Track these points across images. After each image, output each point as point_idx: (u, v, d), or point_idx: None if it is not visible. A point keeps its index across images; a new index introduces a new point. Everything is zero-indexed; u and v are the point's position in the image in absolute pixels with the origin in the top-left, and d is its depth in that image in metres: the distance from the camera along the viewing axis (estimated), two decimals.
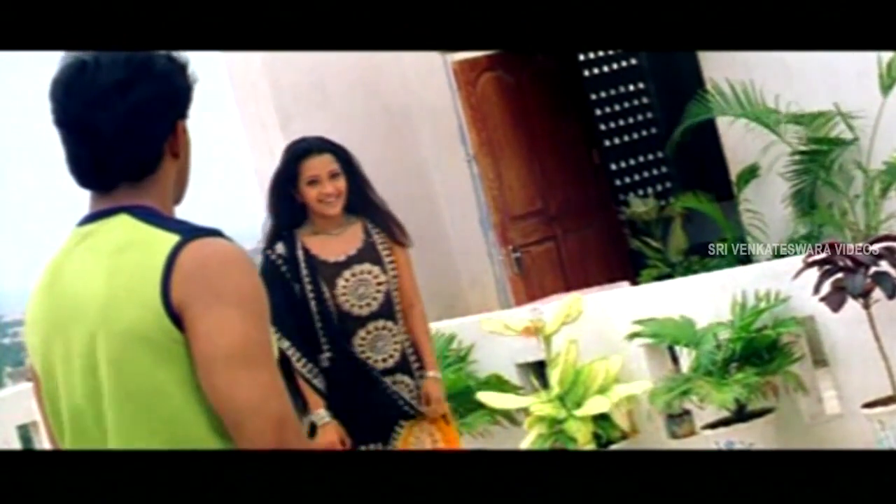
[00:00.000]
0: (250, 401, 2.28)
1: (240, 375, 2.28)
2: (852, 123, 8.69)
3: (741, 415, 6.61)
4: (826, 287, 6.22)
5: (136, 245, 2.39)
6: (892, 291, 6.12)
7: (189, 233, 2.37)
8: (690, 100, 9.31)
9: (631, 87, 11.11)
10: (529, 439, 6.99)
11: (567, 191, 10.62)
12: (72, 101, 2.42)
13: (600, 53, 10.87)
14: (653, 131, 11.05)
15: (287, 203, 5.49)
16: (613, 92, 11.03)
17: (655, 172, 11.11)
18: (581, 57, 10.87)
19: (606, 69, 11.02)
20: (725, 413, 6.69)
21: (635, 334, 6.98)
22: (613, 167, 10.93)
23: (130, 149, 2.42)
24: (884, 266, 6.18)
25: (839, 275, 6.19)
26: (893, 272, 6.15)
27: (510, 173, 10.32)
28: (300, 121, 9.83)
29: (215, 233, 2.38)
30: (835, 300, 6.18)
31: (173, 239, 2.36)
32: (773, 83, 8.92)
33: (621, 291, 7.89)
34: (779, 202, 9.06)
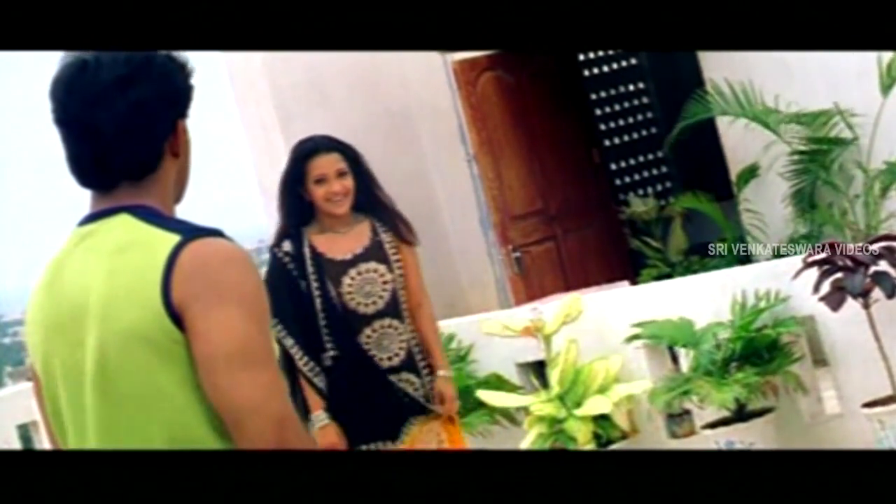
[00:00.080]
0: (251, 401, 2.28)
1: (240, 375, 2.28)
2: (852, 123, 8.69)
3: (741, 414, 6.61)
4: (825, 286, 6.22)
5: (137, 245, 2.39)
6: (892, 291, 6.12)
7: (190, 233, 2.37)
8: (690, 99, 9.31)
9: (631, 87, 11.12)
10: (529, 439, 6.99)
11: (567, 190, 10.62)
12: (72, 100, 2.42)
13: (600, 53, 10.88)
14: (653, 131, 11.05)
15: (295, 202, 5.49)
16: (613, 92, 11.03)
17: (655, 172, 11.11)
18: (581, 57, 10.87)
19: (606, 69, 11.02)
20: (725, 413, 6.69)
21: (634, 337, 6.98)
22: (613, 167, 10.94)
23: (131, 148, 2.42)
24: (883, 266, 6.18)
25: (839, 274, 6.19)
26: (893, 272, 6.15)
27: (510, 173, 10.32)
28: (300, 121, 9.83)
29: (216, 233, 2.39)
30: (834, 299, 6.18)
31: (174, 239, 2.36)
32: (773, 83, 8.92)
33: (621, 291, 7.89)
34: (779, 202, 9.06)
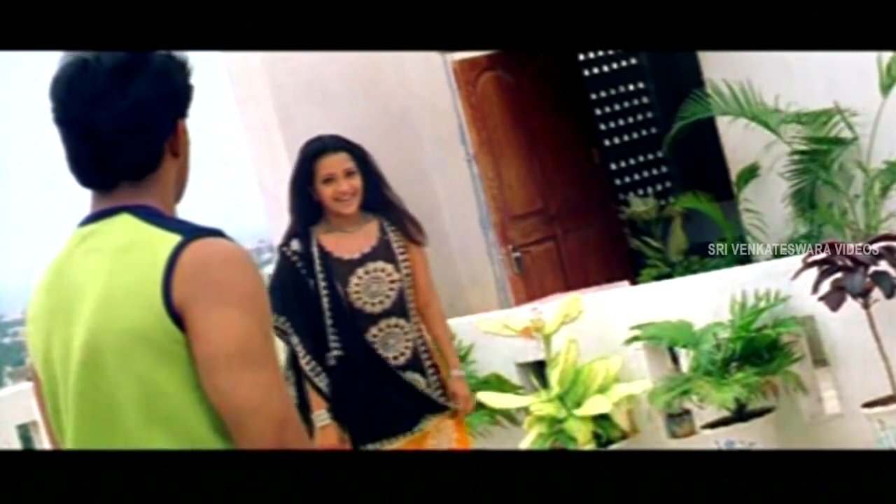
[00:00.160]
0: (251, 401, 2.28)
1: (241, 375, 2.28)
2: (852, 122, 8.69)
3: (741, 414, 6.61)
4: (825, 286, 6.22)
5: (138, 245, 2.39)
6: (892, 291, 6.12)
7: (190, 233, 2.37)
8: (689, 99, 9.30)
9: (631, 87, 11.12)
10: (529, 439, 7.00)
11: (567, 190, 10.62)
12: (73, 100, 2.42)
13: (600, 53, 10.88)
14: (653, 131, 11.05)
15: (303, 201, 5.50)
16: (613, 91, 11.03)
17: (655, 172, 11.11)
18: (581, 57, 10.87)
19: (606, 69, 11.02)
20: (725, 413, 6.69)
21: (633, 338, 6.98)
22: (613, 167, 10.94)
23: (131, 147, 2.42)
24: (883, 265, 6.18)
25: (838, 274, 6.19)
26: (893, 272, 6.15)
27: (510, 173, 10.32)
28: (300, 121, 9.82)
29: (217, 233, 2.38)
30: (834, 299, 6.18)
31: (175, 239, 2.36)
32: (773, 83, 8.92)
33: (621, 291, 7.89)
34: (779, 202, 9.05)
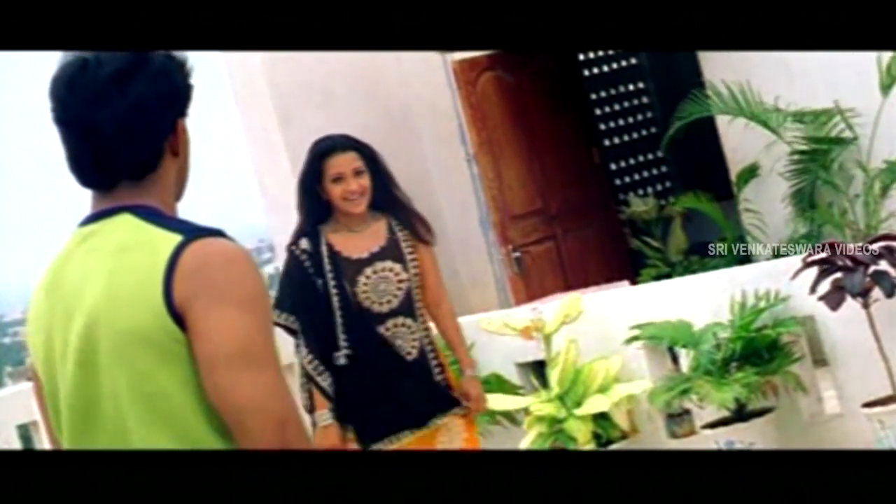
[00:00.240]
0: (252, 400, 2.28)
1: (241, 375, 2.28)
2: (852, 122, 8.69)
3: (741, 414, 6.61)
4: (824, 286, 6.22)
5: (139, 245, 2.38)
6: (891, 290, 6.12)
7: (191, 233, 2.37)
8: (687, 100, 9.30)
9: (631, 87, 11.12)
10: (529, 439, 7.00)
11: (567, 190, 10.62)
12: (73, 99, 2.42)
13: (600, 53, 10.88)
14: (653, 131, 11.05)
15: (312, 200, 5.50)
16: (613, 91, 11.04)
17: (655, 172, 11.11)
18: (581, 57, 10.87)
19: (606, 69, 11.02)
20: (725, 412, 6.69)
21: (633, 338, 6.98)
22: (613, 167, 10.94)
23: (131, 147, 2.42)
24: (883, 265, 6.18)
25: (838, 274, 6.19)
26: (893, 271, 6.15)
27: (510, 173, 10.32)
28: (300, 121, 9.83)
29: (217, 233, 2.38)
30: (833, 298, 6.18)
31: (175, 239, 2.36)
32: (773, 83, 8.92)
33: (621, 291, 7.89)
34: (779, 202, 9.05)
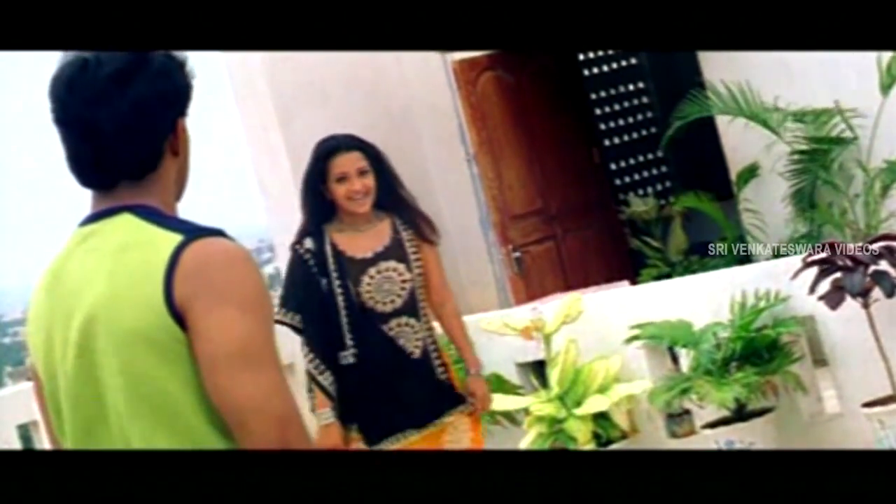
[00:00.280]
0: (252, 400, 2.28)
1: (242, 375, 2.28)
2: (852, 122, 8.69)
3: (741, 414, 6.61)
4: (824, 285, 6.22)
5: (139, 245, 2.39)
6: (891, 290, 6.12)
7: (192, 232, 2.37)
8: (686, 100, 9.30)
9: (631, 87, 11.11)
10: (529, 439, 7.00)
11: (567, 190, 10.62)
12: (73, 99, 2.42)
13: (600, 53, 10.87)
14: (653, 131, 11.04)
15: (316, 200, 5.50)
16: (613, 91, 11.03)
17: (655, 172, 11.11)
18: (581, 56, 10.87)
19: (606, 68, 11.02)
20: (725, 412, 6.69)
21: (633, 338, 6.98)
22: (613, 166, 10.94)
23: (131, 147, 2.42)
24: (883, 265, 6.18)
25: (838, 274, 6.19)
26: (893, 271, 6.15)
27: (510, 173, 10.32)
28: (300, 121, 9.83)
29: (218, 232, 2.39)
30: (833, 298, 6.18)
31: (176, 238, 2.36)
32: (773, 83, 8.92)
33: (621, 291, 7.89)
34: (779, 202, 9.05)
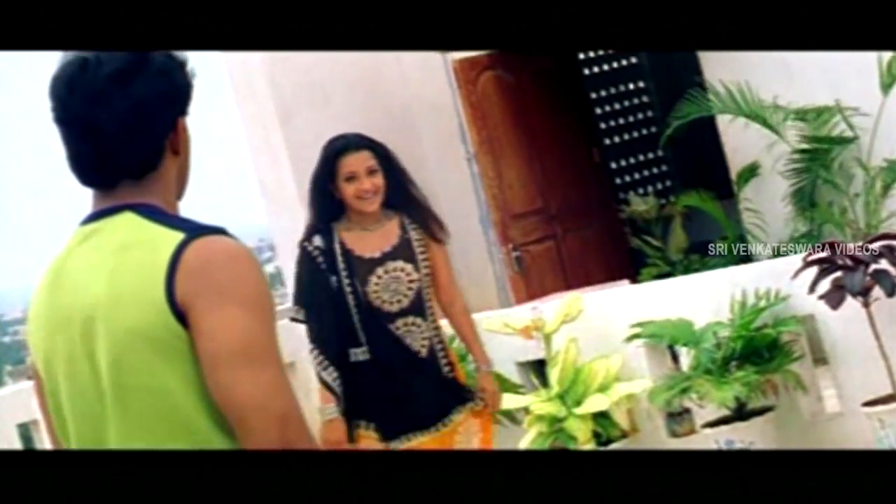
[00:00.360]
0: (254, 398, 2.28)
1: (243, 373, 2.28)
2: (853, 121, 8.69)
3: (741, 413, 6.61)
4: (824, 285, 6.22)
5: (141, 243, 2.39)
6: (892, 289, 6.12)
7: (193, 231, 2.37)
8: (686, 100, 9.30)
9: (631, 86, 11.11)
10: (529, 438, 7.00)
11: (567, 189, 10.62)
12: (73, 99, 2.42)
13: (600, 52, 10.87)
14: (653, 130, 11.04)
15: (325, 199, 5.50)
16: (613, 90, 11.03)
17: (656, 171, 11.11)
18: (581, 56, 10.87)
19: (606, 68, 11.02)
20: (725, 411, 6.69)
21: (634, 337, 6.98)
22: (613, 166, 10.93)
23: (131, 146, 2.42)
24: (883, 264, 6.18)
25: (838, 273, 6.19)
26: (893, 270, 6.15)
27: (510, 172, 10.32)
28: (300, 120, 9.83)
29: (220, 231, 2.39)
30: (834, 298, 6.19)
31: (178, 237, 2.36)
32: (773, 83, 8.92)
33: (621, 290, 7.89)
34: (779, 201, 9.06)
